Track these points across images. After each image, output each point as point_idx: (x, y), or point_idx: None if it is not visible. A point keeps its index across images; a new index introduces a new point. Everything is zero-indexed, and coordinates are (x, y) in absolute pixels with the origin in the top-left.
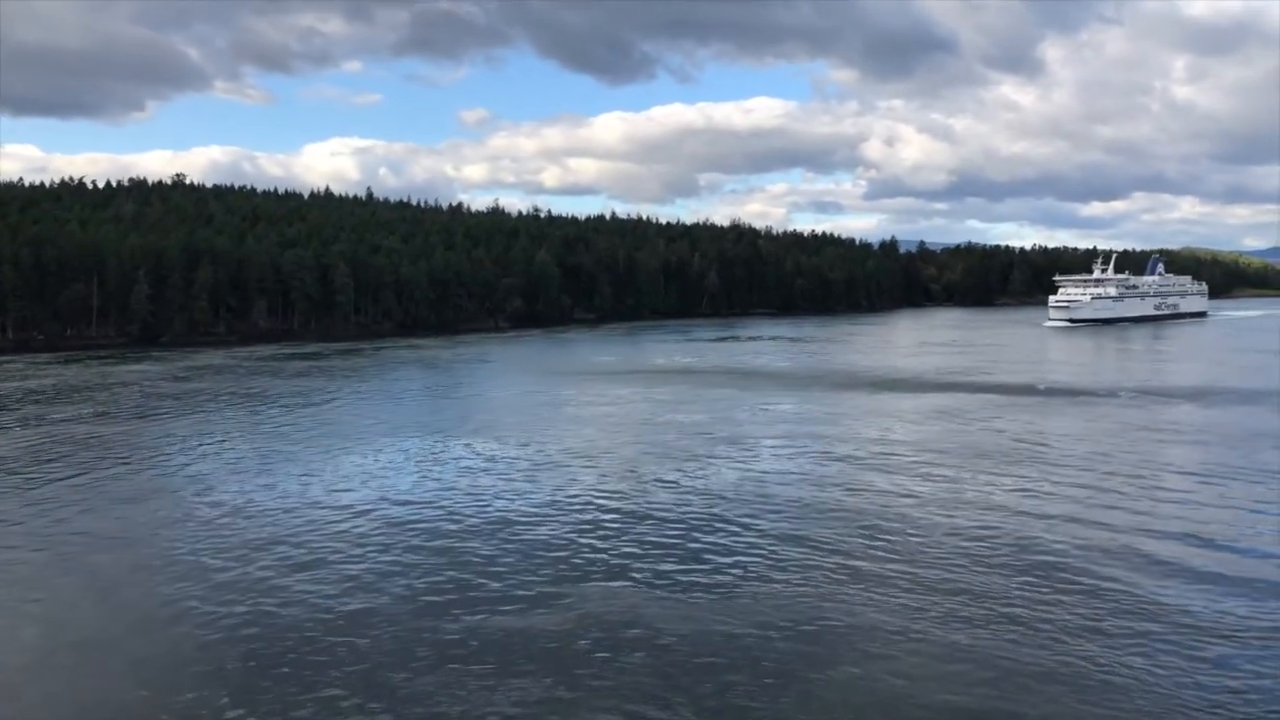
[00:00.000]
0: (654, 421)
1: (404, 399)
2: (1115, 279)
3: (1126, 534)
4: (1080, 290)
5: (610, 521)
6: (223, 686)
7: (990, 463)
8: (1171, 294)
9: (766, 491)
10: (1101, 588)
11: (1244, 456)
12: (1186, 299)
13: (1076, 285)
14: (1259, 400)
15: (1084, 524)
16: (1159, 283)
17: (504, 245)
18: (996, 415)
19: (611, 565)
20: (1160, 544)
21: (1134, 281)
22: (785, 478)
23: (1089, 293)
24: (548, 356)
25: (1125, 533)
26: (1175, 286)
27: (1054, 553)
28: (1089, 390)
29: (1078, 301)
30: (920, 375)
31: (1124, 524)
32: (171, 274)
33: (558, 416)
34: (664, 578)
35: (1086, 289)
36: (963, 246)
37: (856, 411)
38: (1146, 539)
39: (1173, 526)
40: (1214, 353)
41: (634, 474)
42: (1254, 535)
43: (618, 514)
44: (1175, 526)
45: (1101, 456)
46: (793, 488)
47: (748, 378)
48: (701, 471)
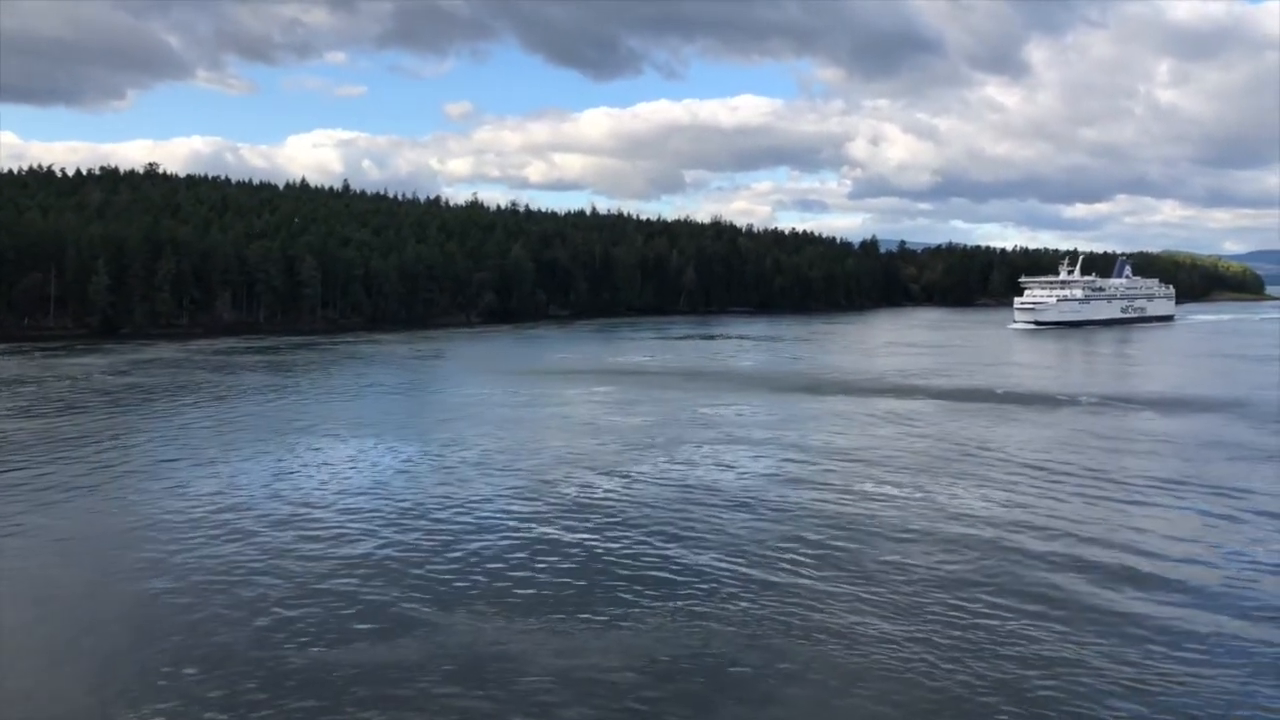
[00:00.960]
0: (585, 425)
1: (331, 397)
2: (1081, 281)
3: (1052, 542)
4: (1046, 292)
5: (501, 537)
6: None
7: (926, 472)
8: (1139, 297)
9: (684, 502)
10: (1025, 596)
11: (1195, 467)
12: (1154, 302)
13: (1042, 287)
14: (1219, 408)
15: (1006, 530)
16: (1126, 285)
17: (479, 239)
18: (947, 421)
19: (495, 588)
20: (1084, 553)
21: (1100, 284)
22: (708, 488)
23: (1055, 295)
24: (505, 354)
25: (1051, 540)
26: (1142, 289)
27: (976, 563)
28: (1048, 395)
29: (1043, 304)
30: (878, 377)
31: (1052, 532)
32: (133, 264)
33: (487, 418)
34: (545, 603)
35: (1052, 291)
36: (943, 247)
37: (803, 416)
38: (1073, 548)
39: (1099, 536)
40: (1179, 357)
41: (542, 483)
42: (1187, 546)
43: (512, 527)
44: (1101, 536)
45: (1047, 464)
46: (712, 499)
47: (701, 378)
48: (618, 482)
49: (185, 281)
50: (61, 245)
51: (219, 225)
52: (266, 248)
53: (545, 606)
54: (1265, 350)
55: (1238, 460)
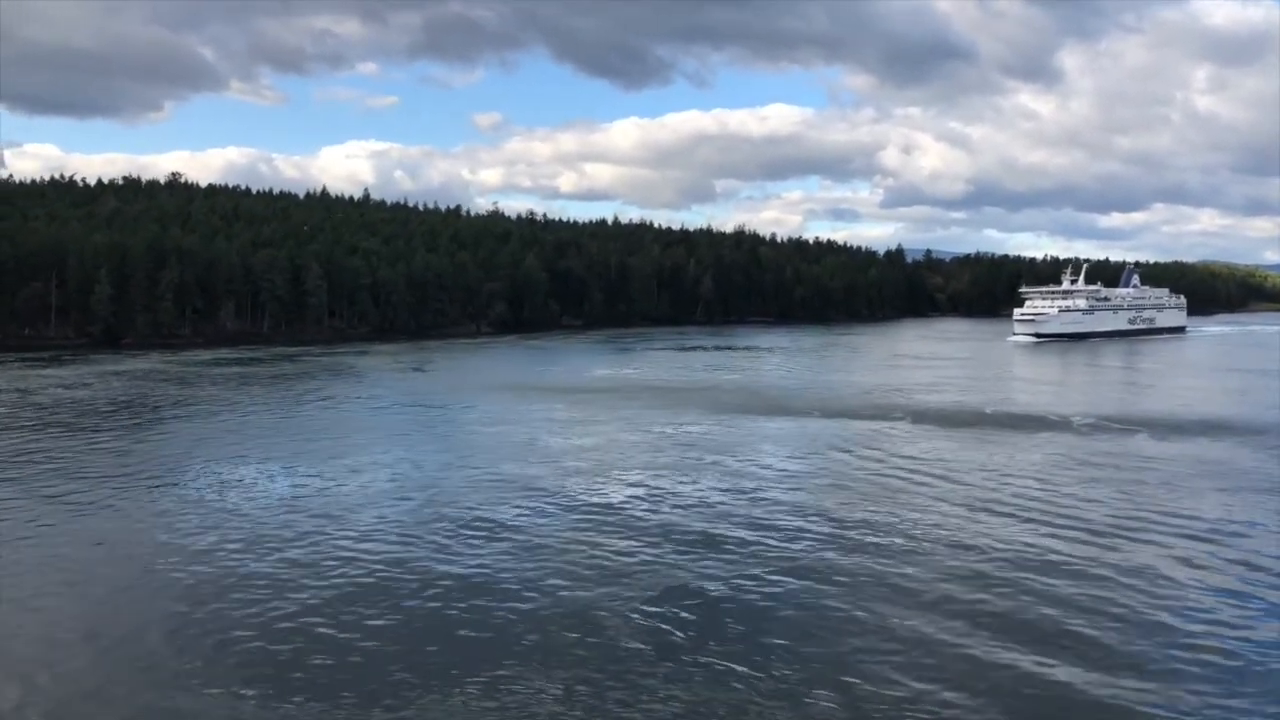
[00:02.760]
0: (518, 445)
1: (265, 415)
2: (1085, 290)
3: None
4: (1047, 303)
5: (362, 572)
6: None
7: (872, 502)
8: (1147, 307)
9: (586, 532)
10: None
11: (1177, 500)
12: (1164, 313)
13: (1043, 297)
14: (1222, 430)
15: (908, 569)
16: (1134, 295)
17: (492, 249)
18: (916, 445)
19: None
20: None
21: (1106, 293)
22: (618, 518)
23: (1056, 305)
24: (491, 367)
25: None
26: (1151, 299)
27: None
28: (1039, 416)
29: (1044, 315)
30: (862, 394)
31: (957, 583)
32: (135, 274)
33: (416, 438)
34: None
35: (1054, 301)
36: (971, 256)
37: (760, 437)
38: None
39: (1026, 585)
40: (1187, 373)
41: (424, 511)
42: (1126, 602)
43: (371, 560)
44: (1028, 585)
45: (1002, 498)
46: (619, 528)
47: (671, 394)
48: (537, 509)
49: (188, 291)
50: (64, 254)
51: (225, 234)
52: (272, 256)
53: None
54: (1276, 364)
55: (1230, 493)
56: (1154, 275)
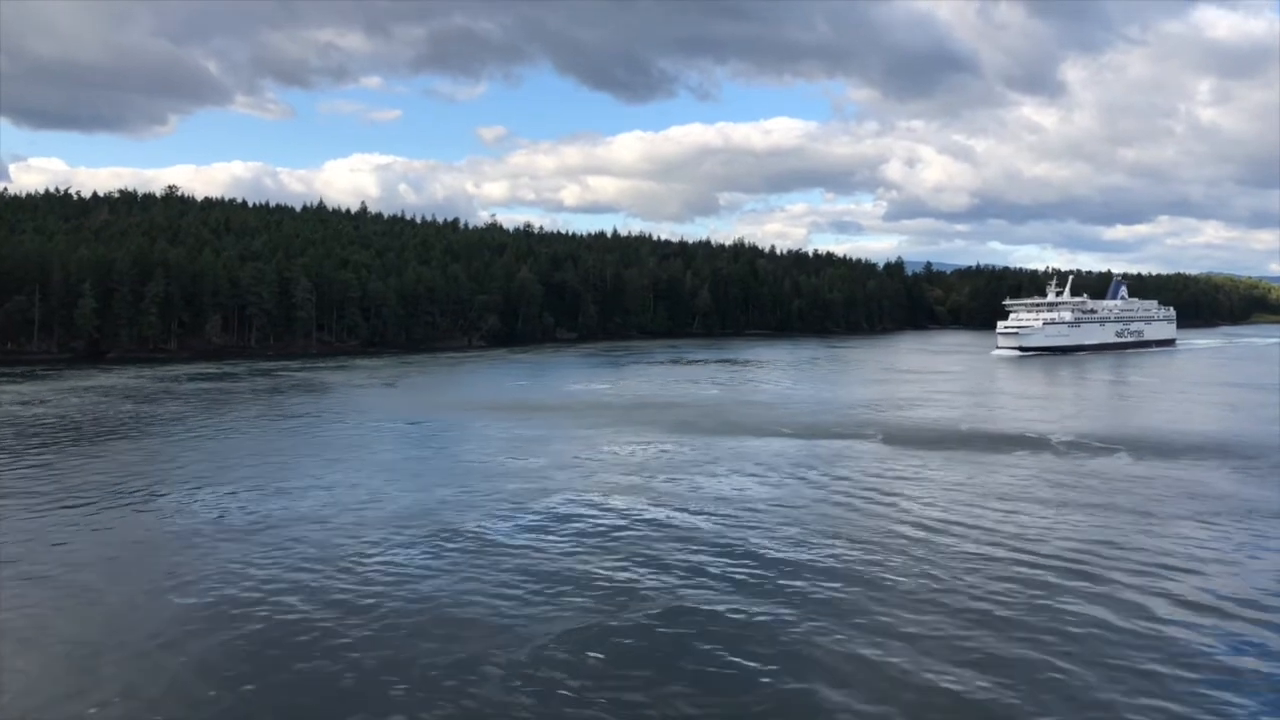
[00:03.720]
0: (475, 466)
1: (222, 434)
2: (1071, 303)
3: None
4: (1032, 315)
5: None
6: None
7: (818, 526)
8: (1135, 319)
9: (517, 561)
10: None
11: (1143, 530)
12: (1152, 325)
13: (1028, 310)
14: (1204, 450)
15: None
16: (1121, 307)
17: (486, 262)
18: (881, 464)
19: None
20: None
21: (1092, 305)
22: (561, 542)
23: (1041, 318)
24: (466, 383)
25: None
26: (1139, 311)
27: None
28: (1015, 435)
29: (1028, 328)
30: (845, 410)
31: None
32: (120, 287)
33: (365, 459)
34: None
35: (1038, 314)
36: (971, 269)
37: (728, 456)
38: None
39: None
40: (1174, 388)
41: (353, 540)
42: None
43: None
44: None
45: (954, 523)
46: (557, 555)
47: (650, 410)
48: (459, 534)
49: (174, 304)
50: (47, 268)
51: (212, 247)
52: (260, 270)
53: None
54: (1270, 378)
55: (1204, 520)
56: (1156, 287)
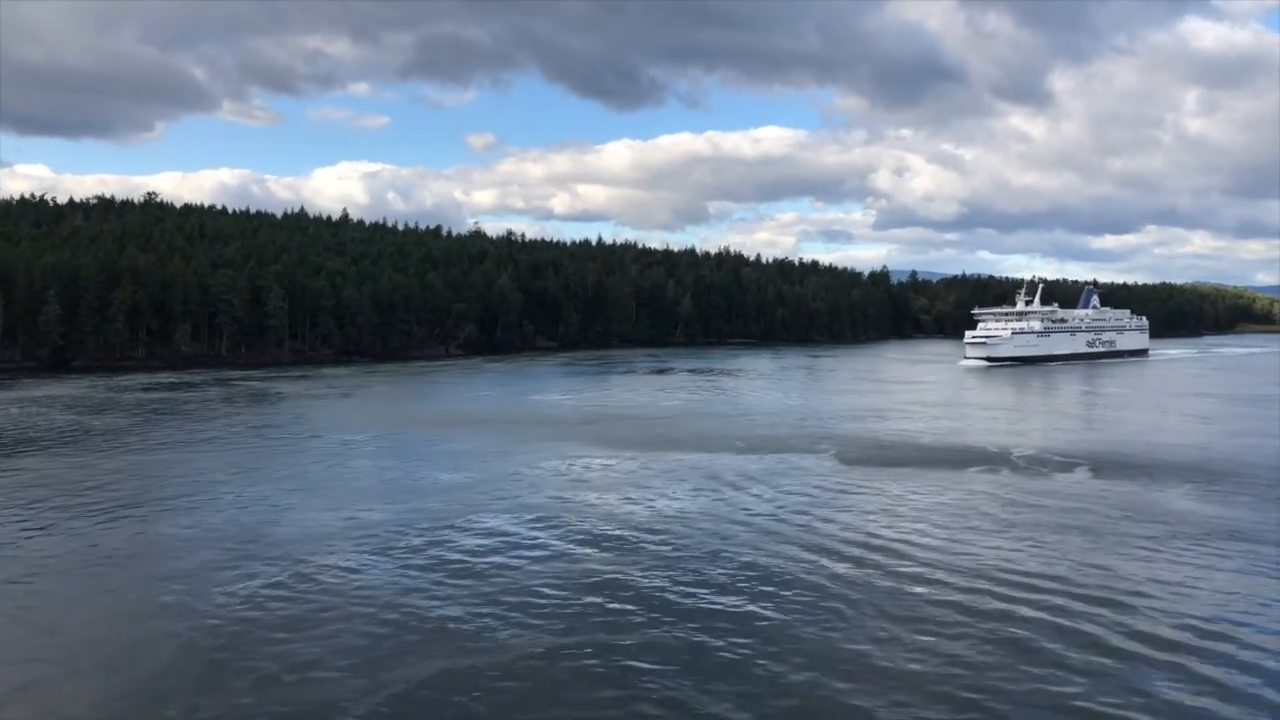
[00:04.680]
0: (397, 483)
1: (143, 449)
2: (1040, 311)
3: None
4: (1000, 325)
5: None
6: None
7: (742, 548)
8: (1107, 329)
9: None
10: None
11: (1093, 553)
12: (1124, 335)
13: (996, 319)
14: (1168, 467)
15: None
16: (1092, 316)
17: (465, 269)
18: (830, 480)
19: None
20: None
21: (1062, 315)
22: (467, 567)
23: (1010, 327)
24: (432, 394)
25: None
26: (1111, 321)
27: None
28: (978, 448)
29: (996, 338)
30: (804, 421)
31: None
32: (86, 294)
33: (281, 475)
34: None
35: (1007, 323)
36: (956, 278)
37: (667, 473)
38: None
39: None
40: (1145, 399)
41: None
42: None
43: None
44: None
45: (903, 543)
46: (457, 581)
47: (602, 423)
48: (348, 556)
49: (142, 312)
50: (12, 274)
51: (183, 254)
52: (231, 277)
53: None
54: (1244, 389)
55: (1155, 543)
56: (1142, 297)
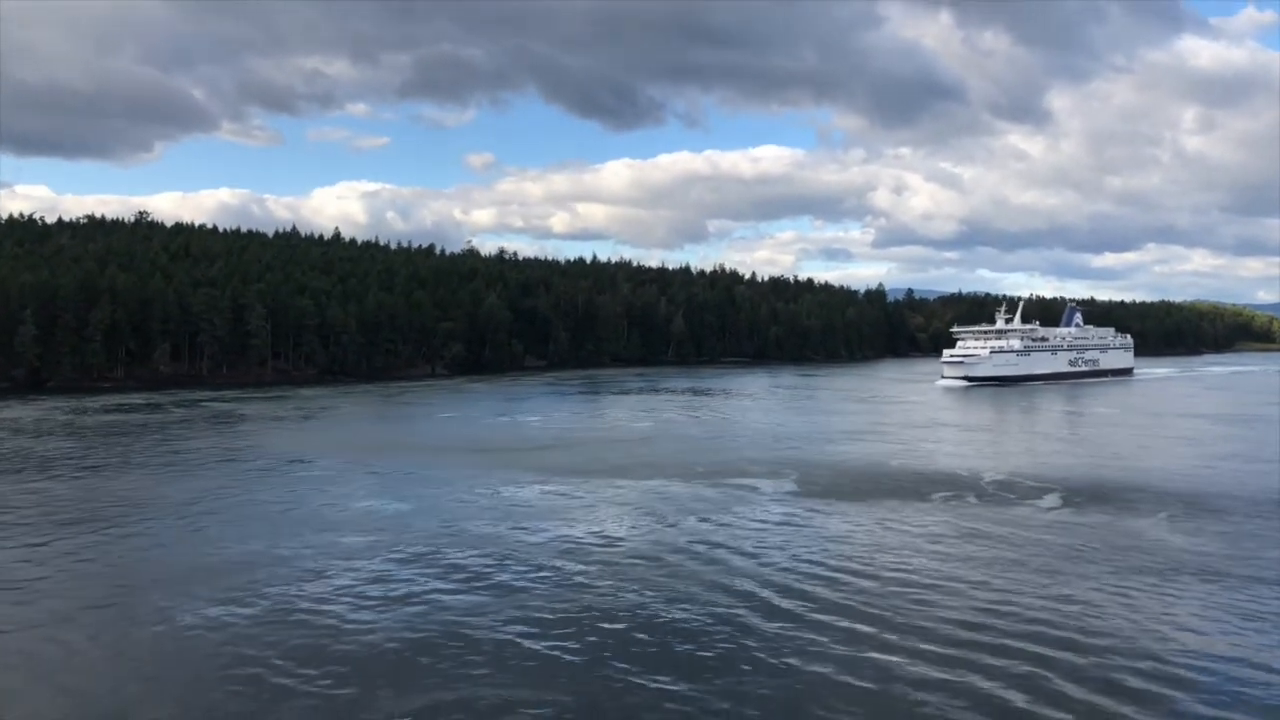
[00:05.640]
0: (315, 515)
1: (71, 472)
2: (1020, 330)
3: None
4: (979, 343)
5: None
6: None
7: (671, 584)
8: (1090, 348)
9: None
10: None
11: (1054, 587)
12: (1108, 354)
13: (976, 338)
14: (1147, 493)
15: None
16: (1075, 335)
17: (454, 288)
18: (782, 509)
19: None
20: None
21: (1043, 333)
22: (365, 603)
23: (989, 346)
24: (397, 417)
25: None
26: (1094, 339)
27: None
28: (948, 473)
29: (974, 356)
30: (773, 444)
31: None
32: (64, 314)
33: (191, 505)
34: None
35: (986, 342)
36: (954, 295)
37: (610, 501)
38: None
39: None
40: (1127, 420)
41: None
42: None
43: None
44: None
45: (850, 579)
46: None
47: (563, 449)
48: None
49: (120, 331)
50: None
51: (164, 273)
52: (212, 296)
53: None
54: (1229, 409)
55: (1116, 583)
56: (1140, 314)
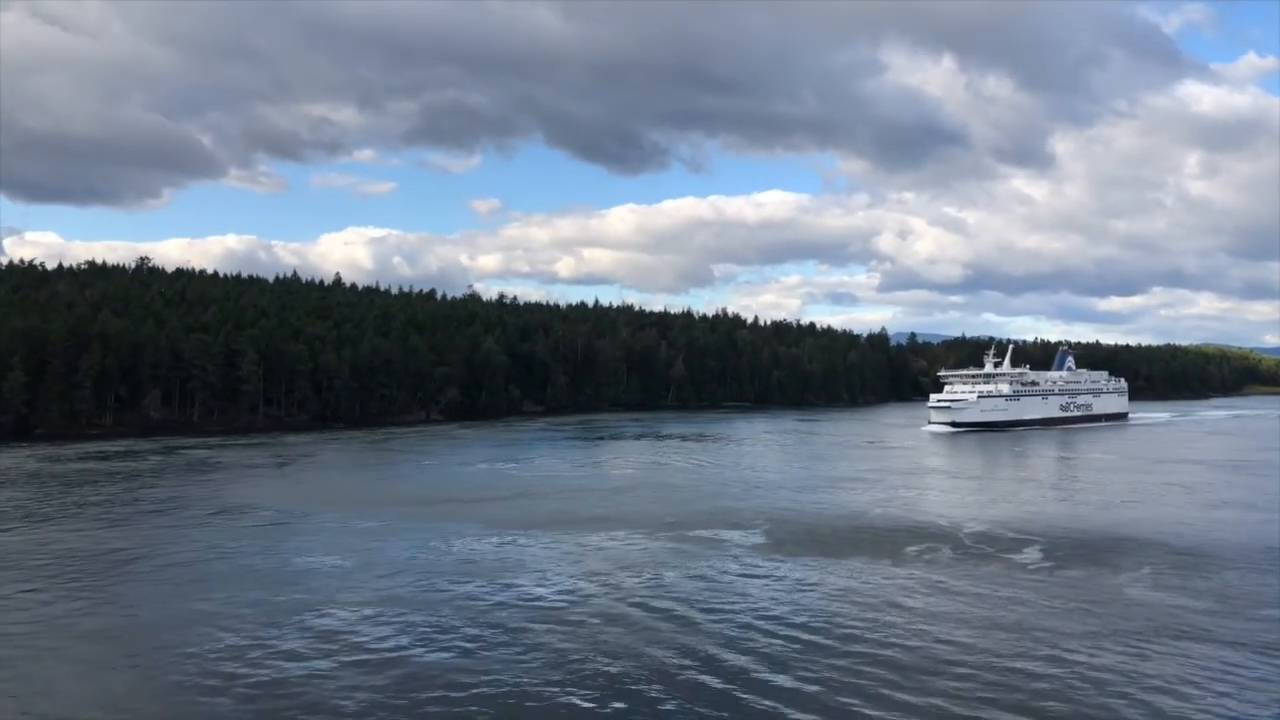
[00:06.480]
0: (249, 571)
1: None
2: (1010, 374)
3: None
4: (967, 388)
5: None
6: None
7: (612, 642)
8: (1082, 392)
9: None
10: None
11: (1026, 654)
12: (1101, 398)
13: (964, 382)
14: (1133, 546)
15: None
16: (1066, 379)
17: (452, 332)
18: (743, 563)
19: None
20: None
21: (1033, 377)
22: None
23: (976, 390)
24: (373, 466)
25: None
26: (1087, 383)
27: None
28: (927, 524)
29: (962, 401)
30: (747, 493)
31: None
32: (53, 359)
33: (135, 558)
34: None
35: (974, 386)
36: (957, 339)
37: (570, 556)
38: None
39: None
40: (1119, 467)
41: None
42: None
43: None
44: None
45: (807, 645)
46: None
47: (518, 500)
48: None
49: (110, 378)
50: None
51: (156, 319)
52: (204, 341)
53: None
54: (1228, 455)
55: (1090, 648)
56: (1146, 358)
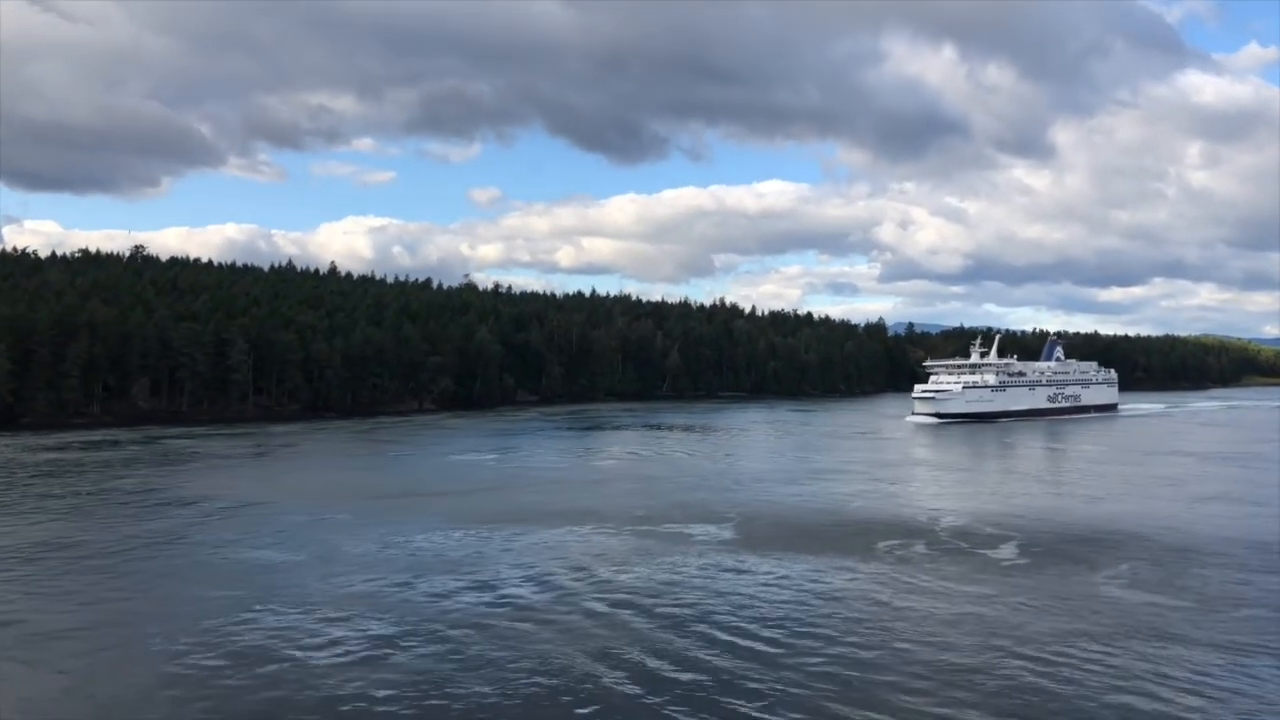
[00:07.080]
0: (199, 564)
1: None
2: (996, 364)
3: None
4: (953, 378)
5: None
6: None
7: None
8: (1070, 383)
9: None
10: None
11: (961, 659)
12: (1090, 389)
13: (949, 372)
14: (1113, 540)
15: None
16: (1054, 370)
17: (444, 322)
18: (703, 560)
19: None
20: None
21: (1020, 368)
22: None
23: (962, 381)
24: (355, 456)
25: None
26: (1075, 374)
27: None
28: (905, 517)
29: (946, 392)
30: (728, 487)
31: None
32: (40, 348)
33: (82, 555)
34: None
35: (960, 377)
36: (956, 329)
37: (527, 551)
38: None
39: None
40: (1105, 458)
41: None
42: None
43: None
44: None
45: (757, 649)
46: None
47: (489, 493)
48: None
49: (98, 366)
50: None
51: (145, 307)
52: (194, 330)
53: None
54: (1219, 446)
55: (1059, 650)
56: (1144, 349)
